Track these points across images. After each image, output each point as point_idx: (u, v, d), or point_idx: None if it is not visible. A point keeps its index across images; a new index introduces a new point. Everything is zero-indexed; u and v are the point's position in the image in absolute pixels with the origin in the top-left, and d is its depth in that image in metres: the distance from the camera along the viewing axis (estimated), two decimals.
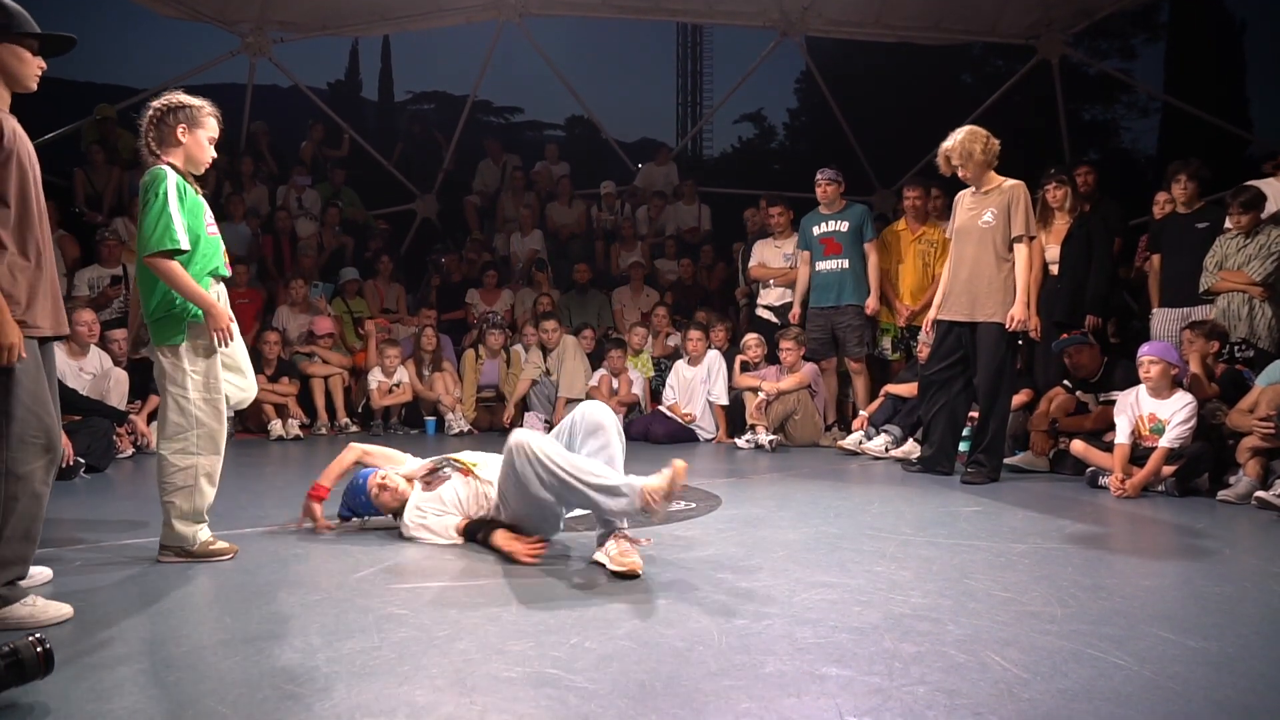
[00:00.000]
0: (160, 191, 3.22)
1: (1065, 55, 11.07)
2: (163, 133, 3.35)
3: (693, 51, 36.52)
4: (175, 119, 3.35)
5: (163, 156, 3.34)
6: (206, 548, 3.37)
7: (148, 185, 3.25)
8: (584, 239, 10.66)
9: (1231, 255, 5.80)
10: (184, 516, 3.33)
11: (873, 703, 2.04)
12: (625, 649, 2.37)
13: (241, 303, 8.47)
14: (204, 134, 3.42)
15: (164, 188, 3.23)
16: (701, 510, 4.38)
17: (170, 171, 3.29)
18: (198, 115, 3.40)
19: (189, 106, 3.38)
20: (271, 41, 10.65)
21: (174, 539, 3.34)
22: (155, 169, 3.29)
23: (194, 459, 3.34)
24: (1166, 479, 4.86)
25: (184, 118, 3.36)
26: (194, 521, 3.35)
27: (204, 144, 3.43)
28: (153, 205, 3.19)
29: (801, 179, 8.60)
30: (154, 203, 3.20)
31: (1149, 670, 2.24)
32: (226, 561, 3.35)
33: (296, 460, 6.41)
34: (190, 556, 3.33)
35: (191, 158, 3.41)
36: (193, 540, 3.35)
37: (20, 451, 2.58)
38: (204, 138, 3.42)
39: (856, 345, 7.07)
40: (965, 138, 5.22)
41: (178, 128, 3.35)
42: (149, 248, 3.18)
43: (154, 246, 3.17)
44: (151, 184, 3.24)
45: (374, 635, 2.49)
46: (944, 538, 3.77)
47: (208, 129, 3.43)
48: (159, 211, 3.19)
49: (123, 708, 2.01)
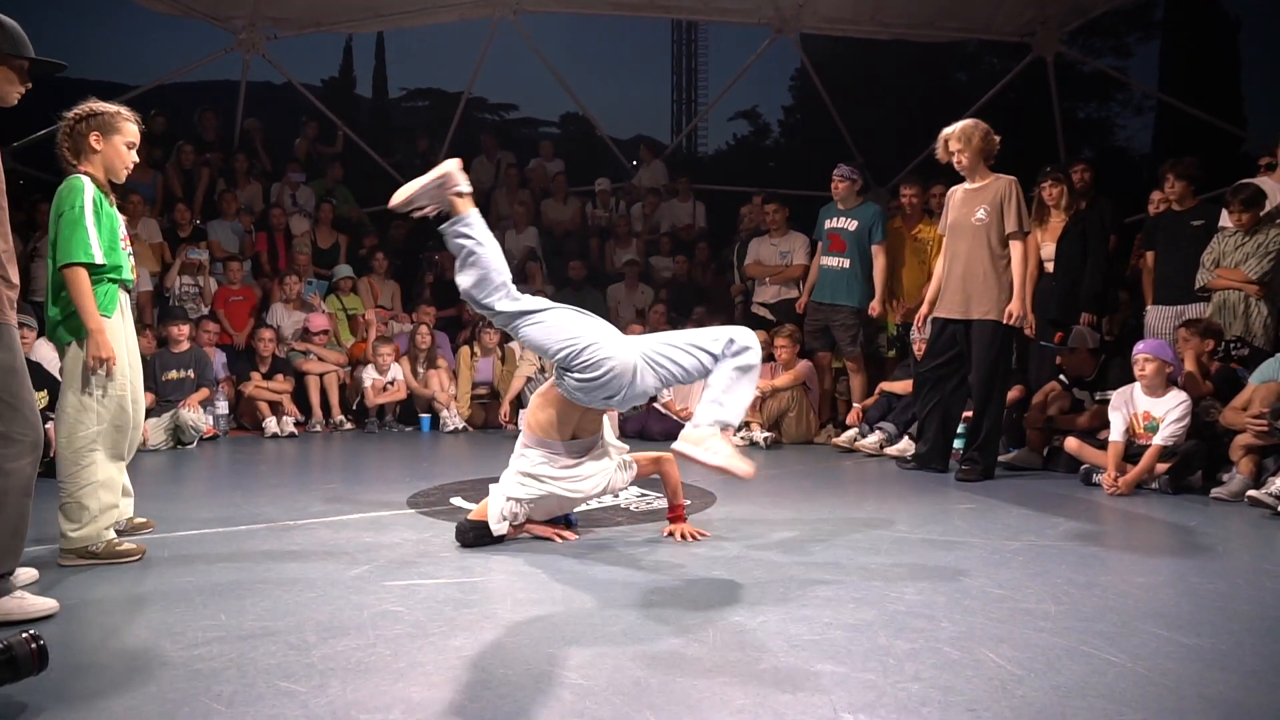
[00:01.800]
0: (78, 204, 3.25)
1: (1060, 53, 11.07)
2: (76, 142, 3.37)
3: (687, 48, 36.53)
4: (87, 127, 3.36)
5: (80, 166, 3.36)
6: (113, 548, 3.33)
7: (63, 195, 3.29)
8: (579, 236, 10.66)
9: (1229, 253, 5.80)
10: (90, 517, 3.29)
11: (867, 699, 2.04)
12: (620, 646, 2.37)
13: (236, 300, 8.46)
14: (120, 140, 3.43)
15: (81, 200, 3.26)
16: (696, 507, 4.38)
17: (88, 183, 3.31)
18: (113, 121, 3.40)
19: (102, 114, 3.39)
20: (265, 38, 10.61)
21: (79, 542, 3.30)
22: (72, 179, 3.31)
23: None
24: (1160, 476, 4.88)
25: (97, 125, 3.37)
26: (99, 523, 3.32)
27: (121, 150, 3.43)
28: (67, 216, 3.24)
29: (796, 176, 8.61)
30: (68, 214, 3.24)
31: (1142, 667, 2.25)
32: (221, 558, 3.34)
33: (291, 458, 6.40)
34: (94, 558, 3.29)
35: (109, 165, 3.42)
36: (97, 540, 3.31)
37: (9, 448, 2.60)
38: (120, 144, 3.43)
39: (850, 344, 7.07)
40: (967, 123, 5.25)
41: (90, 136, 3.36)
42: (63, 258, 3.24)
43: (66, 258, 3.24)
44: (67, 195, 3.28)
45: (369, 632, 2.49)
46: (938, 535, 3.78)
47: (125, 134, 3.44)
48: (74, 223, 3.24)
49: (118, 705, 2.01)
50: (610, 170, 12.65)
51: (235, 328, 8.34)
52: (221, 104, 10.75)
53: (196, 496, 4.66)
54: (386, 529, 3.86)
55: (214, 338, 7.86)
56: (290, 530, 3.86)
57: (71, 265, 3.25)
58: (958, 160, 5.26)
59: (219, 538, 3.70)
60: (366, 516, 4.13)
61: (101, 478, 3.33)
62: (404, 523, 4.01)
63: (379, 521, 4.02)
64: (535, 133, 26.21)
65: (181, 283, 8.14)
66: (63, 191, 3.30)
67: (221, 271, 8.53)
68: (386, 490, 4.83)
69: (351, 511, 4.24)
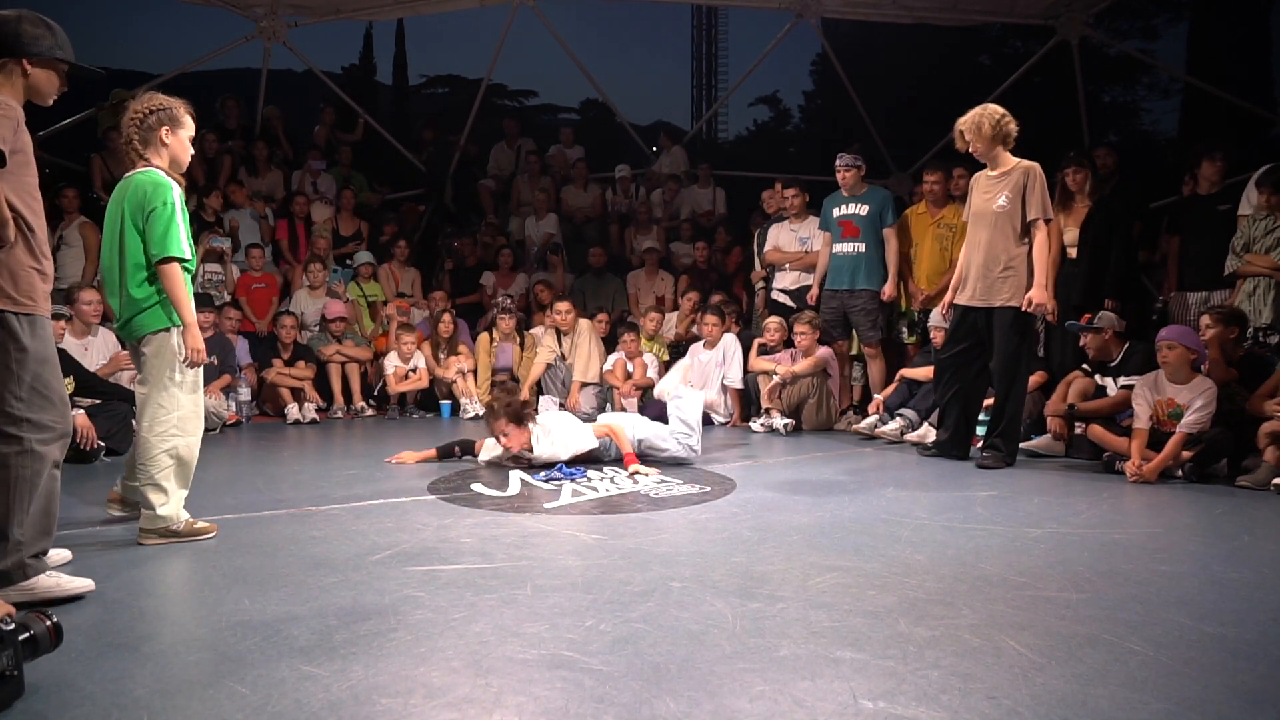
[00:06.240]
0: (169, 201, 3.37)
1: (1085, 36, 10.90)
2: (146, 135, 3.45)
3: (708, 34, 36.40)
4: (157, 121, 3.45)
5: (150, 159, 3.45)
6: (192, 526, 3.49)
7: (150, 191, 3.37)
8: (599, 223, 10.65)
9: (1259, 238, 5.70)
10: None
11: (887, 686, 2.04)
12: (640, 632, 2.38)
13: (259, 287, 8.53)
14: (185, 133, 3.53)
15: (170, 197, 3.38)
16: (716, 494, 4.39)
17: (172, 182, 3.42)
18: (178, 115, 3.50)
19: (169, 107, 3.48)
20: (286, 26, 10.64)
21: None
22: (154, 176, 3.40)
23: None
24: (1184, 464, 4.83)
25: (167, 119, 3.47)
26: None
27: (186, 143, 3.55)
28: (160, 212, 3.35)
29: (818, 162, 8.56)
30: (161, 210, 3.35)
31: (1165, 656, 2.24)
32: (245, 544, 3.38)
33: (313, 444, 6.45)
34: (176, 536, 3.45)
35: (175, 158, 3.52)
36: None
37: (40, 434, 2.70)
38: (185, 137, 3.53)
39: (870, 330, 7.05)
40: (977, 112, 5.20)
41: (160, 129, 3.45)
42: (160, 252, 3.35)
43: (163, 252, 3.35)
44: (154, 191, 3.37)
45: (390, 617, 2.51)
46: (959, 522, 3.76)
47: (188, 128, 3.54)
48: (168, 220, 3.36)
49: (143, 687, 2.04)
50: (630, 156, 12.62)
51: (257, 315, 8.41)
52: (243, 92, 10.79)
53: (219, 482, 4.70)
54: (408, 515, 3.89)
55: (236, 324, 7.93)
56: (312, 516, 3.90)
57: (169, 260, 3.36)
58: (973, 149, 5.22)
59: (242, 523, 3.74)
60: (388, 502, 4.16)
61: (182, 460, 3.47)
62: (425, 509, 4.04)
63: (400, 507, 4.04)
64: (555, 119, 26.21)
65: (205, 270, 8.21)
66: (148, 186, 3.38)
67: (244, 258, 8.59)
68: (408, 476, 4.87)
69: (373, 497, 4.28)
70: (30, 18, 2.76)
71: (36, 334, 2.71)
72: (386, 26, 30.35)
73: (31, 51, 2.75)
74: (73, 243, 7.77)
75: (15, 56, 2.73)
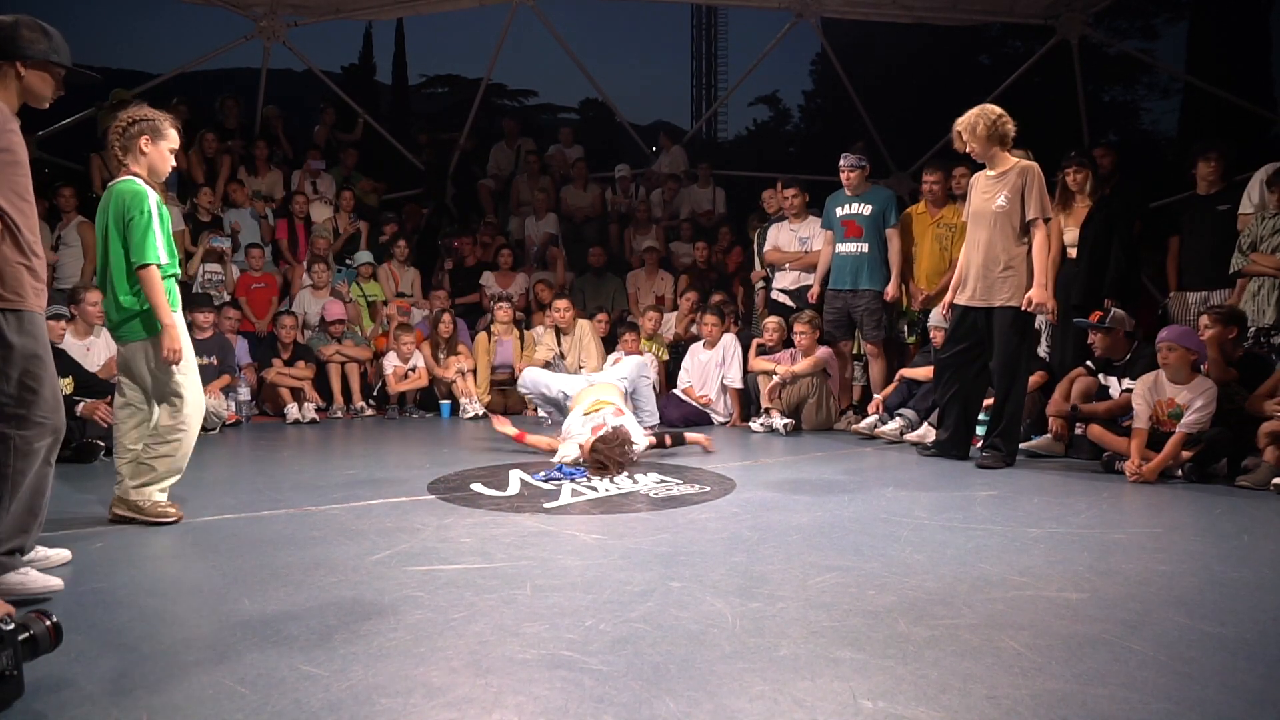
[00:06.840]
0: (146, 209, 3.56)
1: (1085, 35, 10.90)
2: (127, 143, 3.63)
3: (707, 34, 36.42)
4: (139, 130, 3.63)
5: (129, 166, 3.64)
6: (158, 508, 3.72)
7: (129, 199, 3.57)
8: (598, 222, 10.65)
9: (1265, 237, 5.68)
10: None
11: (886, 686, 2.04)
12: (639, 631, 2.38)
13: (258, 287, 8.53)
14: (166, 145, 3.71)
15: (147, 205, 3.57)
16: (715, 493, 4.39)
17: (148, 190, 3.60)
18: (160, 127, 3.68)
19: (153, 119, 3.67)
20: (286, 25, 10.63)
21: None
22: (132, 184, 3.59)
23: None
24: (1184, 464, 4.83)
25: (148, 129, 3.65)
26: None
27: (166, 154, 3.73)
28: (138, 220, 3.54)
29: (817, 161, 8.56)
30: (139, 218, 3.54)
31: (1164, 655, 2.24)
32: (245, 544, 3.38)
33: (313, 444, 6.45)
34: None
35: (153, 167, 3.70)
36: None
37: (29, 430, 2.72)
38: (166, 149, 3.71)
39: (874, 329, 7.05)
40: (974, 113, 5.20)
41: (140, 139, 3.64)
42: (139, 259, 3.55)
43: (141, 259, 3.54)
44: (133, 200, 3.56)
45: (390, 617, 2.51)
46: (959, 522, 3.77)
47: (170, 140, 3.73)
48: (145, 227, 3.55)
49: (143, 687, 2.04)
50: (630, 156, 12.62)
51: (257, 315, 8.41)
52: (243, 92, 10.79)
53: (219, 482, 4.70)
54: (408, 514, 3.89)
55: (236, 324, 7.93)
56: (312, 515, 3.90)
57: (146, 266, 3.56)
58: (970, 150, 5.23)
59: (241, 523, 3.74)
60: (388, 502, 4.16)
61: (179, 451, 3.73)
62: (425, 509, 4.04)
63: (400, 507, 4.05)
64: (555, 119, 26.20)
65: (205, 270, 8.21)
66: (126, 195, 3.58)
67: (243, 258, 8.59)
68: (407, 476, 4.87)
69: (373, 497, 4.28)
70: (28, 23, 2.80)
71: (24, 330, 2.72)
72: (386, 26, 30.37)
73: (26, 55, 2.78)
74: (71, 242, 7.77)
75: (9, 59, 2.77)
